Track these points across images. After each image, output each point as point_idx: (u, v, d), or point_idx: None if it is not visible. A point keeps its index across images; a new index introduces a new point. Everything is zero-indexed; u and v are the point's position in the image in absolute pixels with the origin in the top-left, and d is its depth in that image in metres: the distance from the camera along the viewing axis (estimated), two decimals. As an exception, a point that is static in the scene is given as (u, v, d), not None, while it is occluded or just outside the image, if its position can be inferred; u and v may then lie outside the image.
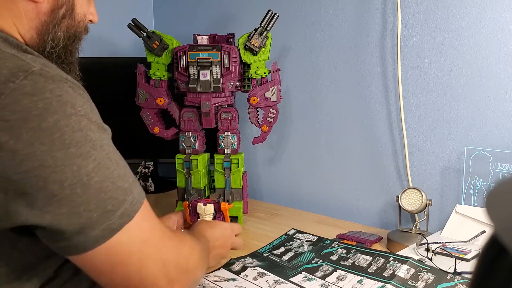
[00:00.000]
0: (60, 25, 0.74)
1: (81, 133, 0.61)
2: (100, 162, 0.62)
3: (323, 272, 1.00)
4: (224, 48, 1.23)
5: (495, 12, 1.11)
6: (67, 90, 0.62)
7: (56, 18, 0.73)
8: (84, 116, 0.62)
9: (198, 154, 1.30)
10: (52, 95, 0.60)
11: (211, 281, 0.98)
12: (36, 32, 0.72)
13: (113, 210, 0.61)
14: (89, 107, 0.64)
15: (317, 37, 1.41)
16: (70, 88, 0.62)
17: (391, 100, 1.30)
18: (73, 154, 0.59)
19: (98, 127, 0.64)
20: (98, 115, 0.66)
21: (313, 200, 1.49)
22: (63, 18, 0.74)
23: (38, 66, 0.61)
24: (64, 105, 0.60)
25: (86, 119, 0.62)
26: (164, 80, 1.29)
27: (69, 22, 0.75)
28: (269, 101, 1.28)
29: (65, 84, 0.62)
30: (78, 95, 0.63)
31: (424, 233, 1.15)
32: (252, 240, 1.22)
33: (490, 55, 1.13)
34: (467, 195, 1.16)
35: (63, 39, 0.75)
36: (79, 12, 0.77)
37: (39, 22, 0.72)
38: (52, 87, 0.60)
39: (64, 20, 0.74)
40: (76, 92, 0.63)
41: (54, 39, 0.74)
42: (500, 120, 1.13)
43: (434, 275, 0.95)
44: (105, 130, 0.66)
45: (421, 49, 1.23)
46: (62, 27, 0.75)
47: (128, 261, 0.64)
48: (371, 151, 1.35)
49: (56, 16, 0.73)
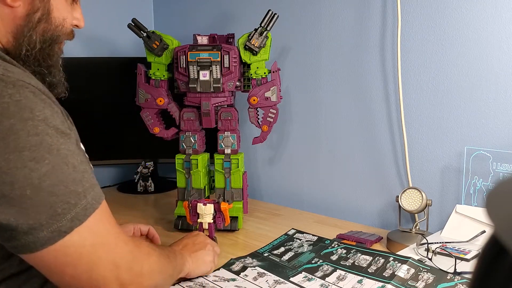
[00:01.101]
0: (35, 28, 0.75)
1: (37, 138, 0.62)
2: (54, 166, 0.63)
3: (323, 272, 1.00)
4: (224, 48, 1.23)
5: (495, 12, 1.11)
6: (27, 95, 0.63)
7: (31, 22, 0.75)
8: (42, 121, 0.63)
9: (198, 154, 1.30)
10: (11, 100, 0.62)
11: (211, 281, 0.98)
12: (12, 36, 0.75)
13: (63, 213, 0.63)
14: (50, 112, 0.65)
15: (317, 37, 1.41)
16: (31, 93, 0.64)
17: (391, 100, 1.30)
18: (26, 157, 0.61)
19: (57, 132, 0.65)
20: (60, 120, 0.67)
21: (313, 200, 1.49)
22: (38, 22, 0.75)
23: (0, 71, 0.63)
24: (22, 109, 0.62)
25: (45, 124, 0.63)
26: (164, 80, 1.29)
27: (45, 26, 0.77)
28: (269, 101, 1.28)
29: (26, 89, 0.63)
30: (39, 100, 0.65)
31: (424, 233, 1.15)
32: (252, 240, 1.22)
33: (490, 55, 1.13)
34: (467, 195, 1.16)
35: (39, 42, 0.76)
36: (57, 16, 0.78)
37: (15, 26, 0.74)
38: (11, 92, 0.62)
39: (40, 24, 0.76)
40: (37, 97, 0.64)
41: (30, 42, 0.75)
42: (500, 120, 1.13)
43: (434, 275, 0.95)
44: (65, 134, 0.67)
45: (421, 49, 1.23)
46: (38, 31, 0.76)
47: (77, 262, 0.65)
48: (371, 151, 1.35)
49: (31, 20, 0.75)
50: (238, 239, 1.24)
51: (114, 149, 1.67)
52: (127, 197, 1.63)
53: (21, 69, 0.69)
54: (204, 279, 0.99)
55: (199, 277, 1.00)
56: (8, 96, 0.62)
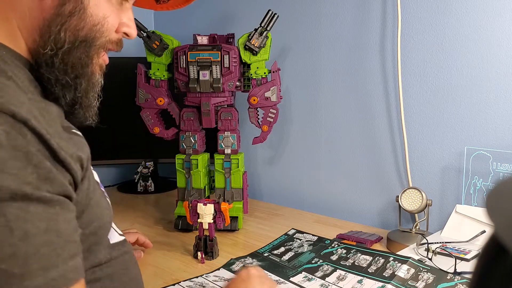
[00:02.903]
0: (65, 24, 0.61)
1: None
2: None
3: (323, 272, 1.00)
4: (224, 48, 1.23)
5: (495, 12, 1.11)
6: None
7: (61, 16, 0.60)
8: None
9: (198, 154, 1.30)
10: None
11: (211, 281, 0.98)
12: (38, 33, 0.61)
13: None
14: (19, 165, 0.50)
15: (317, 37, 1.41)
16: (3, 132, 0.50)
17: (391, 100, 1.30)
18: None
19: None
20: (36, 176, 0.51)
21: (313, 200, 1.49)
22: (69, 16, 0.61)
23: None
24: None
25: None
26: (164, 80, 1.29)
27: (78, 22, 0.61)
28: (269, 101, 1.28)
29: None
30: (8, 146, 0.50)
31: (424, 233, 1.15)
32: (252, 240, 1.22)
33: (490, 55, 1.13)
34: (467, 195, 1.16)
35: (68, 41, 0.61)
36: (95, 12, 0.63)
37: (43, 20, 0.60)
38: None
39: (71, 19, 0.61)
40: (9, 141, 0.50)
41: (57, 40, 0.61)
42: (500, 120, 1.13)
43: (434, 275, 0.95)
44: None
45: (421, 49, 1.23)
46: (68, 27, 0.61)
47: None
48: (371, 151, 1.35)
49: (61, 13, 0.60)
50: (238, 239, 1.24)
51: (114, 149, 1.67)
52: (127, 197, 1.63)
53: (21, 88, 0.55)
54: (204, 279, 0.99)
55: (199, 276, 1.00)
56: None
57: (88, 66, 0.64)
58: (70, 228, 0.55)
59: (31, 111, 0.53)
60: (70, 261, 0.53)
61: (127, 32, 0.69)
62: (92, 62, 0.65)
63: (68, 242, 0.54)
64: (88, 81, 0.65)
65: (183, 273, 1.03)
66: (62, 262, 0.52)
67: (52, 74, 0.61)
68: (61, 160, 0.54)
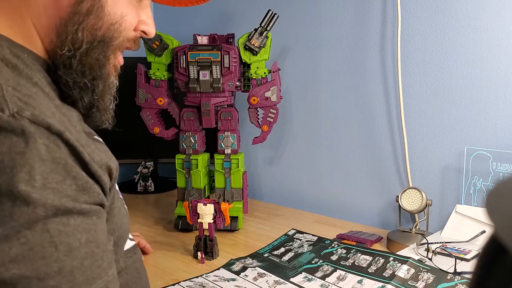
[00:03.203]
0: (82, 23, 0.58)
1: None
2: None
3: (323, 272, 1.00)
4: (224, 48, 1.23)
5: (495, 12, 1.11)
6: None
7: (78, 15, 0.58)
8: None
9: (198, 154, 1.30)
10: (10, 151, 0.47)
11: (211, 281, 0.98)
12: (55, 33, 0.58)
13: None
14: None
15: (317, 37, 1.41)
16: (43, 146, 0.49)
17: (391, 100, 1.30)
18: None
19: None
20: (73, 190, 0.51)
21: (313, 200, 1.49)
22: (87, 14, 0.58)
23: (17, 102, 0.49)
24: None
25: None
26: (164, 80, 1.29)
27: (96, 21, 0.59)
28: (269, 101, 1.28)
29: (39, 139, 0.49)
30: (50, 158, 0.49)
31: (424, 233, 1.15)
32: (252, 240, 1.22)
33: (490, 55, 1.13)
34: (467, 195, 1.16)
35: (86, 42, 0.59)
36: (113, 11, 0.60)
37: (59, 20, 0.58)
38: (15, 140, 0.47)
39: (89, 18, 0.58)
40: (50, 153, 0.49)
41: (74, 40, 0.58)
42: (500, 120, 1.13)
43: (434, 275, 0.95)
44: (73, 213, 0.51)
45: (421, 49, 1.22)
46: (86, 26, 0.58)
47: None
48: (371, 151, 1.35)
49: (78, 11, 0.58)
50: (238, 239, 1.24)
51: (114, 149, 1.66)
52: (127, 197, 1.63)
53: (46, 94, 0.54)
54: (204, 279, 0.99)
55: (199, 276, 1.00)
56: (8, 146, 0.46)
57: (105, 67, 0.62)
58: (105, 237, 0.55)
59: (63, 121, 0.52)
60: (109, 270, 0.54)
61: (146, 30, 0.67)
62: (109, 63, 0.63)
63: (105, 252, 0.54)
64: (104, 83, 0.63)
65: (183, 273, 1.03)
66: (104, 272, 0.53)
67: (70, 76, 0.59)
68: (92, 172, 0.53)
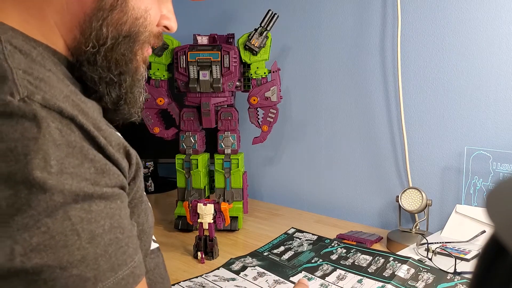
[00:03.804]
0: (106, 19, 0.57)
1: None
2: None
3: (323, 272, 1.00)
4: (224, 48, 1.23)
5: (495, 12, 1.11)
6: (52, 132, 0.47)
7: (102, 10, 0.56)
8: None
9: (198, 154, 1.30)
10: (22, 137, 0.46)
11: (211, 280, 0.98)
12: (79, 29, 0.57)
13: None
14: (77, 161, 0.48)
15: (317, 37, 1.41)
16: (57, 130, 0.47)
17: (391, 100, 1.30)
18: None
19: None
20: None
21: (313, 200, 1.49)
22: (111, 10, 0.57)
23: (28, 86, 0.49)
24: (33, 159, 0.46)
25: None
26: (164, 80, 1.29)
27: (120, 16, 0.57)
28: (269, 101, 1.28)
29: (51, 123, 0.47)
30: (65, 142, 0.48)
31: (424, 233, 1.15)
32: (252, 240, 1.22)
33: (490, 55, 1.13)
34: (467, 195, 1.16)
35: (111, 37, 0.57)
36: (136, 5, 0.59)
37: (83, 16, 0.56)
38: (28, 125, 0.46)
39: (113, 13, 0.57)
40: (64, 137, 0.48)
41: (99, 37, 0.57)
42: (500, 120, 1.13)
43: (434, 275, 0.95)
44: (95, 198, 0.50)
45: (421, 49, 1.23)
46: (110, 22, 0.57)
47: None
48: (371, 151, 1.35)
49: (102, 7, 0.56)
50: (238, 239, 1.24)
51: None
52: (127, 197, 1.63)
53: (61, 80, 0.53)
54: (204, 279, 0.99)
55: (199, 276, 1.00)
56: (21, 132, 0.45)
57: (132, 62, 0.61)
58: (129, 222, 0.53)
59: (77, 105, 0.50)
60: (135, 256, 0.52)
61: (168, 25, 0.65)
62: (136, 58, 0.61)
63: (130, 237, 0.52)
64: (132, 76, 0.62)
65: (183, 273, 1.03)
66: (129, 258, 0.51)
67: (95, 73, 0.58)
68: (109, 155, 0.51)
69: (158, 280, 0.67)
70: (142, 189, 0.61)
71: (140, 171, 0.58)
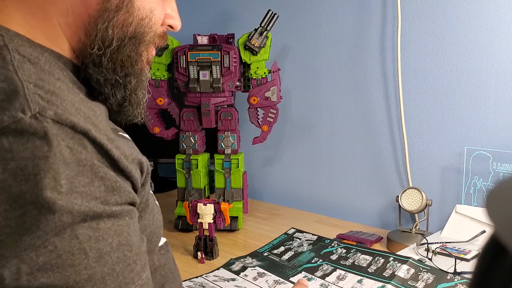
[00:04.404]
0: (112, 20, 0.56)
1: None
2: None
3: (323, 272, 1.00)
4: (224, 48, 1.23)
5: (495, 12, 1.11)
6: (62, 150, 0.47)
7: (108, 11, 0.56)
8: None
9: (198, 154, 1.30)
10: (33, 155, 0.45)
11: (211, 281, 0.98)
12: (84, 31, 0.56)
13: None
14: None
15: (317, 37, 1.41)
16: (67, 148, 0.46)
17: (391, 100, 1.30)
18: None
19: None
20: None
21: (313, 200, 1.49)
22: (116, 11, 0.56)
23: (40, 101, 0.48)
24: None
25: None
26: (164, 80, 1.29)
27: (126, 17, 0.57)
28: (269, 101, 1.28)
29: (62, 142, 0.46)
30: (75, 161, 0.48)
31: (424, 233, 1.15)
32: (252, 240, 1.22)
33: (490, 55, 1.13)
34: (467, 195, 1.16)
35: (117, 39, 0.57)
36: (142, 5, 0.58)
37: (88, 18, 0.56)
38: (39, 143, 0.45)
39: (119, 14, 0.56)
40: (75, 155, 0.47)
41: (104, 38, 0.56)
42: (500, 120, 1.13)
43: (434, 275, 0.95)
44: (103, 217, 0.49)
45: (421, 49, 1.23)
46: (116, 23, 0.56)
47: None
48: (371, 151, 1.35)
49: (108, 8, 0.55)
50: (238, 239, 1.24)
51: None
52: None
53: (70, 90, 0.51)
54: (204, 279, 0.99)
55: (199, 276, 1.00)
56: (31, 150, 0.44)
57: (138, 63, 0.60)
58: (138, 238, 0.53)
59: (89, 117, 0.49)
60: (143, 273, 0.51)
61: (172, 24, 0.65)
62: (142, 59, 0.61)
63: (139, 254, 0.52)
64: (137, 78, 0.61)
65: (183, 273, 1.03)
66: (137, 276, 0.50)
67: (100, 75, 0.57)
68: (122, 169, 0.50)
69: (169, 275, 0.67)
70: (148, 193, 0.60)
71: (148, 177, 0.58)
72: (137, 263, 0.51)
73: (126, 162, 0.51)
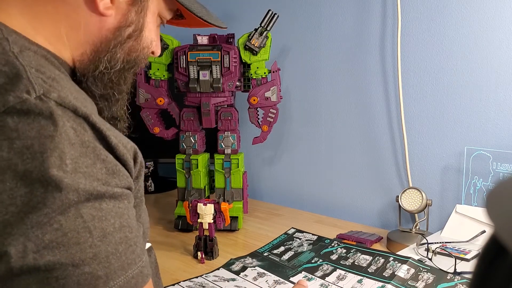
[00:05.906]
0: (123, 45, 0.62)
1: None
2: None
3: (323, 272, 1.00)
4: (224, 48, 1.23)
5: (495, 12, 1.11)
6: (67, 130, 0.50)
7: (121, 37, 0.62)
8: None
9: (198, 154, 1.30)
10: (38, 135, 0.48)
11: (211, 281, 0.98)
12: (92, 47, 0.61)
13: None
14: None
15: (317, 37, 1.41)
16: (71, 129, 0.49)
17: (391, 100, 1.30)
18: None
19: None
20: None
21: (313, 200, 1.49)
22: (128, 38, 0.62)
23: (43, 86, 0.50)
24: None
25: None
26: (164, 80, 1.29)
27: (134, 44, 0.64)
28: (269, 101, 1.28)
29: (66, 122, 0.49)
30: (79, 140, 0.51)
31: (424, 233, 1.15)
32: (252, 240, 1.22)
33: (490, 55, 1.13)
34: (467, 195, 1.16)
35: (122, 61, 0.63)
36: (147, 36, 0.66)
37: (99, 38, 0.61)
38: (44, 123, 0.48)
39: (129, 41, 0.63)
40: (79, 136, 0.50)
41: (112, 59, 0.62)
42: (500, 120, 1.13)
43: (434, 275, 0.95)
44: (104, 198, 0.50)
45: (421, 49, 1.22)
46: (125, 48, 0.63)
47: None
48: (371, 151, 1.35)
49: (121, 34, 0.62)
50: (238, 239, 1.24)
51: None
52: (127, 197, 1.63)
53: (69, 80, 0.56)
54: (204, 279, 0.99)
55: (199, 276, 1.00)
56: (37, 130, 0.46)
57: (129, 82, 0.67)
58: (136, 222, 0.54)
59: (87, 106, 0.51)
60: (143, 256, 0.52)
61: (155, 50, 0.71)
62: (131, 79, 0.68)
63: (138, 237, 0.53)
64: (125, 96, 0.68)
65: (183, 273, 1.03)
66: (138, 258, 0.51)
67: (97, 88, 0.62)
68: (119, 156, 0.52)
69: (155, 280, 0.67)
70: (143, 189, 0.62)
71: (142, 171, 0.59)
72: (137, 245, 0.52)
73: (123, 150, 0.52)
